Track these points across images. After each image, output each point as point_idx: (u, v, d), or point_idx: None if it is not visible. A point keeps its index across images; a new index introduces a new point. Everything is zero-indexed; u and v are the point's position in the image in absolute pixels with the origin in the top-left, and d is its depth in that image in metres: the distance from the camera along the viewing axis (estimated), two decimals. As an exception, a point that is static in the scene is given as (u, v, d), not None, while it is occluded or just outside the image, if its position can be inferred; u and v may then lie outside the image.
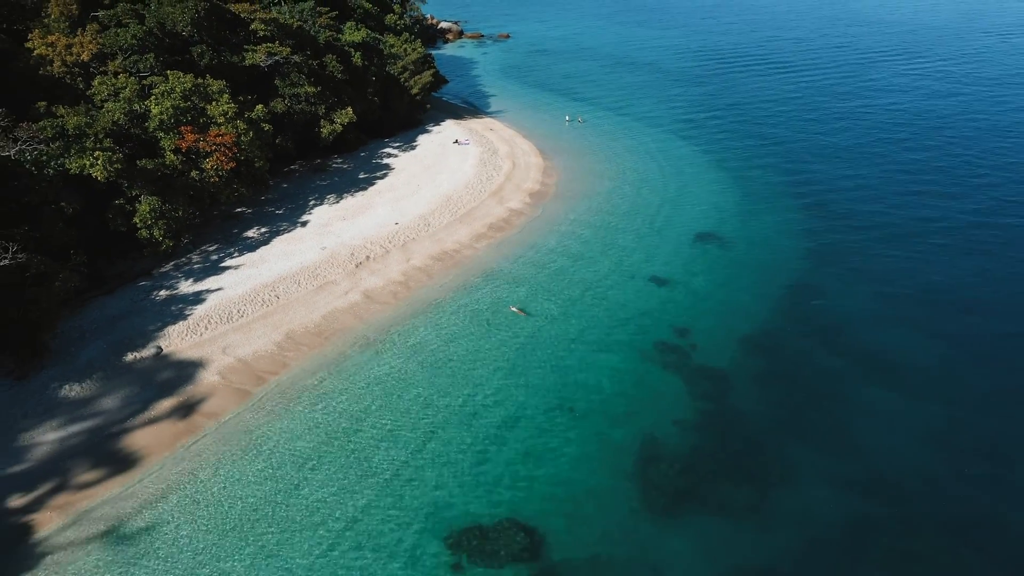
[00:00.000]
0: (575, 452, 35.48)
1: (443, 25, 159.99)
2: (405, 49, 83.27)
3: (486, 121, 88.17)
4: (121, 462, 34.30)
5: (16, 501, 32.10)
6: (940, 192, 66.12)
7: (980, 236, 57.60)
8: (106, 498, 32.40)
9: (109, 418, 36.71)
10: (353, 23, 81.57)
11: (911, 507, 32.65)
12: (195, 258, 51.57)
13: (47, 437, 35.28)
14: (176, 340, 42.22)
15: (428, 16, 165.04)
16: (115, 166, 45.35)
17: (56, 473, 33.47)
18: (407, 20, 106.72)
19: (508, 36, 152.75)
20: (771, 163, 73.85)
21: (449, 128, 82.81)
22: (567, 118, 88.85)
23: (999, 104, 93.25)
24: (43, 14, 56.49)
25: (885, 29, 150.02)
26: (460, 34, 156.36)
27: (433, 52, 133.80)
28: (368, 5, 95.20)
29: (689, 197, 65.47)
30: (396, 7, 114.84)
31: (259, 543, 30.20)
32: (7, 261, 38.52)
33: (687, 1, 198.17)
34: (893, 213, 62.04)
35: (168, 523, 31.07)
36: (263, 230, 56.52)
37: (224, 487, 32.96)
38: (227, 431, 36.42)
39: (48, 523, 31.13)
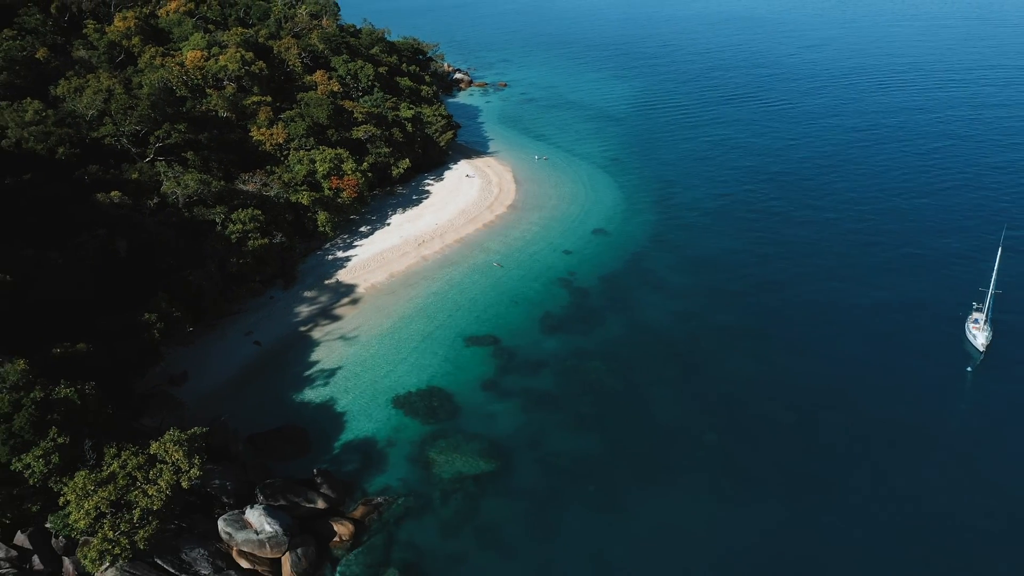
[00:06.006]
0: (516, 315, 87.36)
1: (457, 75, 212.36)
2: (436, 117, 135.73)
3: (486, 159, 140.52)
4: (336, 317, 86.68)
5: (299, 330, 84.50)
6: (741, 203, 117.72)
7: (746, 226, 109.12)
8: (334, 327, 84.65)
9: (325, 304, 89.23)
10: (406, 103, 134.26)
11: (655, 337, 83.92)
12: (339, 242, 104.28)
13: (304, 310, 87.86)
14: (344, 276, 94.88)
15: (446, 65, 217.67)
16: (311, 197, 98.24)
17: (312, 322, 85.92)
18: (434, 88, 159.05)
19: (506, 85, 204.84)
20: (654, 187, 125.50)
21: (462, 166, 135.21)
22: (536, 157, 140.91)
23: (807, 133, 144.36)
24: (255, 117, 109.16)
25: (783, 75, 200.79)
26: (470, 83, 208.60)
27: (450, 101, 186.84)
28: (410, 83, 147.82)
29: (597, 209, 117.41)
30: (427, 76, 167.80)
31: (395, 341, 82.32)
32: (277, 240, 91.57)
33: (649, 46, 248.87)
34: (708, 215, 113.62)
35: (363, 332, 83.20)
36: (367, 228, 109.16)
37: (379, 324, 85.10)
38: (373, 307, 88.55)
39: (315, 333, 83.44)
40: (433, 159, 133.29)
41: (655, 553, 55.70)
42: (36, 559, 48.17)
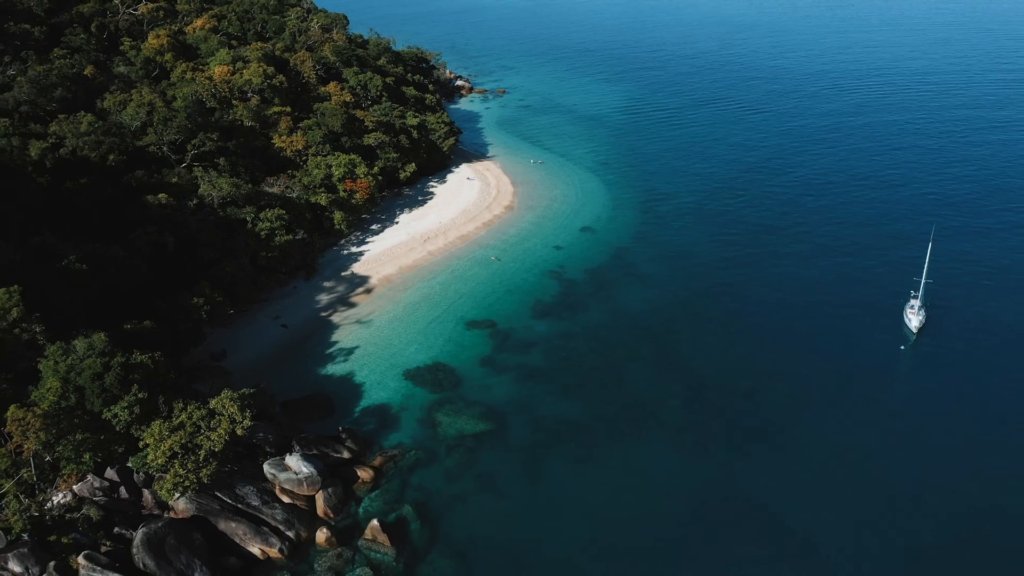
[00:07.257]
0: (511, 302, 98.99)
1: (459, 82, 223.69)
2: (439, 124, 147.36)
3: (485, 163, 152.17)
4: (353, 304, 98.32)
5: (321, 315, 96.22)
6: (710, 197, 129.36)
7: (714, 223, 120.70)
8: (351, 312, 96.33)
9: (343, 293, 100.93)
10: (411, 111, 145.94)
11: (632, 320, 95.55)
12: (353, 238, 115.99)
13: (324, 298, 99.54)
14: (357, 268, 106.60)
15: (448, 72, 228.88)
16: (328, 198, 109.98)
17: (332, 308, 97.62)
18: (437, 96, 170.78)
19: (504, 92, 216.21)
20: (637, 188, 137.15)
21: (463, 169, 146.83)
22: (532, 160, 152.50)
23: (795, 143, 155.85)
24: (277, 126, 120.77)
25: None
26: (471, 89, 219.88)
27: (452, 107, 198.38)
28: (415, 92, 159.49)
29: (586, 209, 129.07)
30: (431, 85, 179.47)
31: (405, 324, 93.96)
32: (300, 237, 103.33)
33: (640, 51, 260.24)
34: (683, 213, 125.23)
35: (376, 317, 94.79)
36: (378, 226, 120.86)
37: (390, 310, 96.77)
38: (384, 296, 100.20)
39: (334, 318, 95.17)
40: (437, 163, 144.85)
41: (626, 495, 67.26)
42: (122, 490, 59.92)
